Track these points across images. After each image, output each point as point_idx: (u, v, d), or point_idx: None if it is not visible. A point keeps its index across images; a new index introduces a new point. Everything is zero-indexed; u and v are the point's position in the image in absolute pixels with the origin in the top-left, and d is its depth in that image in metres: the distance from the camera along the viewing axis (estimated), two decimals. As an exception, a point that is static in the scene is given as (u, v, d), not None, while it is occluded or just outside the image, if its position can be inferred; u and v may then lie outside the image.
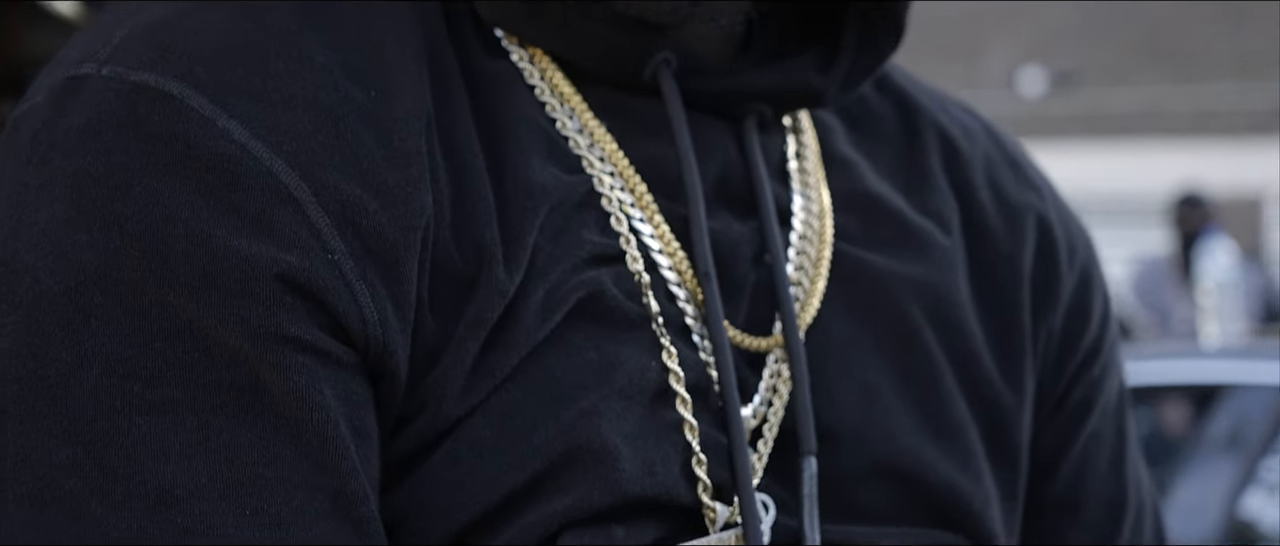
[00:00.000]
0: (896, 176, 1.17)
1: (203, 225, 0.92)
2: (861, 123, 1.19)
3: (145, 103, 0.94)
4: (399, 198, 0.95)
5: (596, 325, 1.00)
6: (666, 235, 1.04)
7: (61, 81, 0.97)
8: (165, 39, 0.97)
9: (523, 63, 1.06)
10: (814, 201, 1.12)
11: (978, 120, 1.25)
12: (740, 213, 1.08)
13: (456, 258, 0.98)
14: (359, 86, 0.98)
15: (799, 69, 1.10)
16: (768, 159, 1.11)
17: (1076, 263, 1.22)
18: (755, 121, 1.10)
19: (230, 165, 0.93)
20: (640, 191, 1.04)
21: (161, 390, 0.91)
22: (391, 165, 0.96)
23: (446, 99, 1.01)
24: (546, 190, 1.01)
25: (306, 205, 0.93)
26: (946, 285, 1.14)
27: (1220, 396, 4.66)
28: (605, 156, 1.04)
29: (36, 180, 0.94)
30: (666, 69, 1.06)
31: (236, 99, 0.94)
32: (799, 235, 1.11)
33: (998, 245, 1.18)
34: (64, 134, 0.94)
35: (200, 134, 0.93)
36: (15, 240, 0.94)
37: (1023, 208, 1.20)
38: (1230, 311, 8.33)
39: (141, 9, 1.00)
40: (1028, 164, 1.25)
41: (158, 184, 0.92)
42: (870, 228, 1.13)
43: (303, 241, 0.93)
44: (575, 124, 1.05)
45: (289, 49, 0.97)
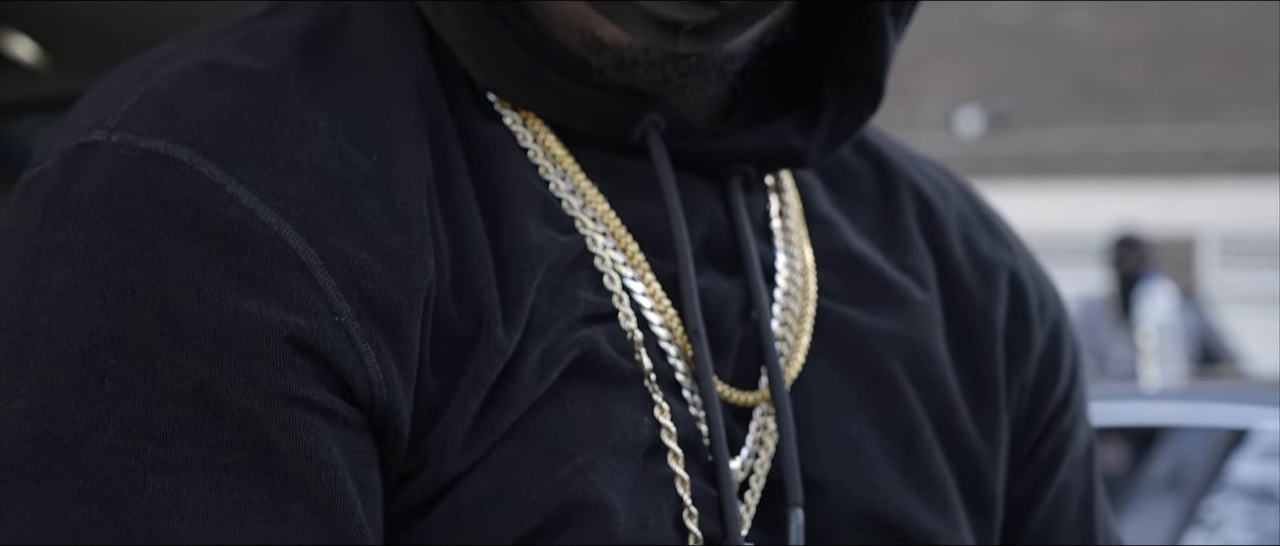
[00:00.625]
0: (875, 234, 1.21)
1: (214, 289, 0.94)
2: (840, 182, 1.22)
3: (156, 169, 0.96)
4: (402, 261, 0.98)
5: (591, 382, 1.03)
6: (657, 293, 1.07)
7: (72, 147, 0.99)
8: (173, 106, 0.99)
9: (516, 126, 1.09)
10: (797, 259, 1.15)
11: (950, 178, 1.29)
12: (727, 270, 1.11)
13: (457, 318, 1.00)
14: (362, 152, 1.00)
15: (781, 131, 1.13)
16: (752, 217, 1.14)
17: (1047, 317, 1.25)
18: (740, 181, 1.13)
19: (240, 230, 0.95)
20: (632, 251, 1.07)
21: (174, 450, 0.93)
22: (395, 229, 0.99)
23: (445, 162, 1.04)
24: (543, 251, 1.04)
25: (314, 269, 0.96)
26: (925, 340, 1.17)
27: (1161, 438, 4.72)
28: (597, 217, 1.07)
29: (49, 244, 0.96)
30: (655, 131, 1.09)
31: (244, 165, 0.97)
32: (783, 292, 1.14)
33: (972, 301, 1.21)
34: (76, 199, 0.96)
35: (210, 199, 0.95)
36: (29, 303, 0.96)
37: (996, 264, 1.24)
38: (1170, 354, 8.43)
39: (148, 75, 1.03)
40: (999, 221, 1.29)
41: (169, 249, 0.94)
42: (851, 284, 1.16)
43: (311, 304, 0.95)
44: (568, 185, 1.08)
45: (293, 115, 1.00)
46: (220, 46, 1.04)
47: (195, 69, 1.02)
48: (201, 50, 1.04)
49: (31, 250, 0.97)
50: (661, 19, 1.03)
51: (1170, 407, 4.69)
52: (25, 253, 0.97)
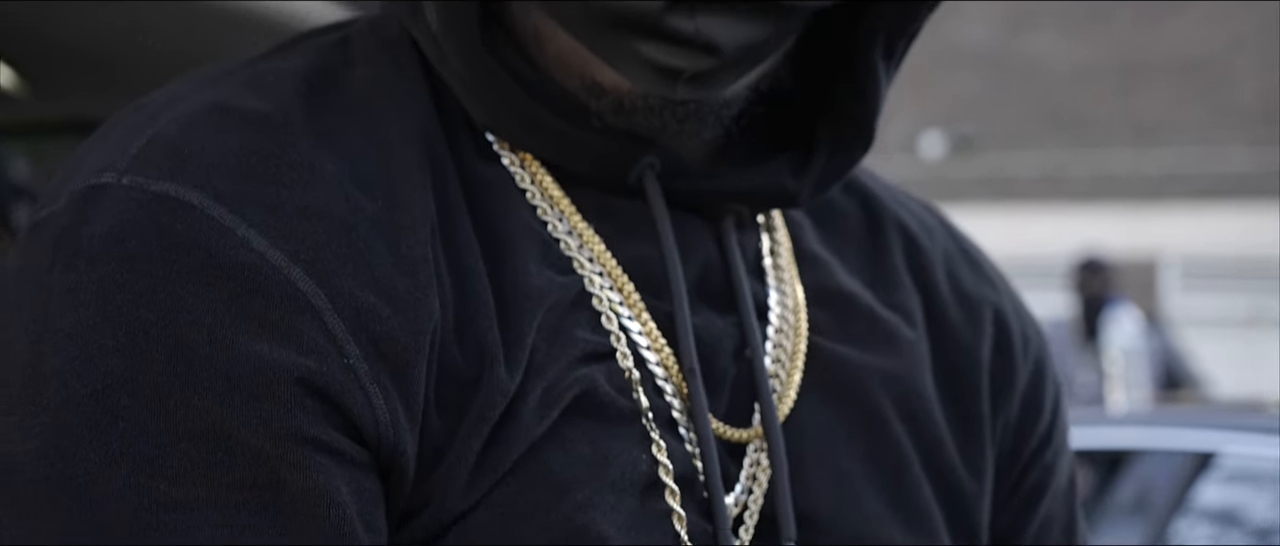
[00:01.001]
0: (863, 272, 1.23)
1: (225, 331, 0.96)
2: (828, 220, 1.24)
3: (167, 212, 0.98)
4: (409, 303, 1.00)
5: (590, 420, 1.05)
6: (654, 332, 1.09)
7: (82, 189, 1.00)
8: (183, 149, 1.01)
9: (514, 166, 1.11)
10: (789, 297, 1.18)
11: (935, 216, 1.31)
12: (720, 308, 1.13)
13: (460, 359, 1.02)
14: (367, 195, 1.02)
15: (774, 172, 1.15)
16: (744, 255, 1.16)
17: (1030, 354, 1.28)
18: (733, 220, 1.15)
19: (250, 273, 0.97)
20: (628, 290, 1.09)
21: (187, 488, 0.95)
22: (401, 272, 1.01)
23: (447, 205, 1.06)
24: (542, 292, 1.06)
25: (323, 312, 0.98)
26: (913, 377, 1.20)
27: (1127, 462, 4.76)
28: (594, 257, 1.09)
29: (61, 286, 0.98)
30: (651, 173, 1.11)
31: (254, 209, 0.99)
32: (775, 329, 1.16)
33: (958, 338, 1.24)
34: (87, 241, 0.98)
35: (221, 243, 0.97)
36: (41, 344, 0.97)
37: (980, 301, 1.26)
38: (1136, 378, 8.48)
39: (155, 117, 1.04)
40: (983, 258, 1.31)
41: (181, 291, 0.96)
42: (842, 322, 1.19)
43: (320, 347, 0.97)
44: (565, 226, 1.10)
45: (300, 159, 1.02)
46: (226, 88, 1.06)
47: (202, 111, 1.04)
48: (207, 92, 1.06)
49: (42, 291, 0.99)
50: (660, 66, 1.05)
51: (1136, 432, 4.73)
52: (36, 293, 0.99)
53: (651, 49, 1.05)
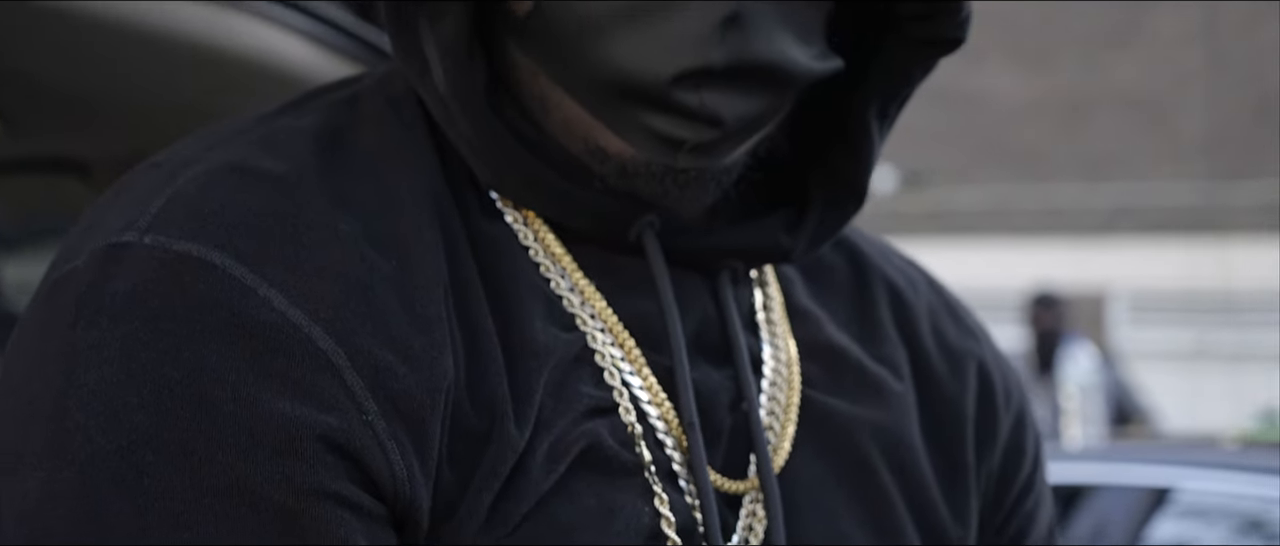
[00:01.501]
0: (851, 326, 1.27)
1: (248, 388, 0.98)
2: (817, 276, 1.28)
3: (189, 271, 1.00)
4: (424, 362, 1.03)
5: (596, 474, 1.08)
6: (654, 387, 1.13)
7: (104, 247, 1.03)
8: (203, 209, 1.03)
9: (517, 224, 1.14)
10: (782, 351, 1.21)
11: (919, 271, 1.35)
12: (716, 361, 1.17)
13: (471, 415, 1.05)
14: (382, 255, 1.05)
15: (769, 229, 1.19)
16: (739, 310, 1.20)
17: (1012, 404, 1.32)
18: (728, 275, 1.19)
19: (272, 332, 1.00)
20: (629, 346, 1.13)
21: (212, 543, 0.97)
22: (416, 331, 1.04)
23: (457, 264, 1.09)
24: (549, 349, 1.09)
25: (343, 371, 1.00)
26: (901, 428, 1.23)
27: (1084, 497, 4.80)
28: (596, 314, 1.13)
29: (84, 343, 1.00)
30: (650, 230, 1.14)
31: (274, 268, 1.01)
32: (769, 382, 1.19)
33: (944, 390, 1.27)
34: (110, 299, 1.01)
35: (243, 302, 1.00)
36: (65, 399, 1.00)
37: (964, 354, 1.30)
38: (1091, 414, 8.54)
39: (173, 177, 1.07)
40: (965, 312, 1.35)
41: (205, 349, 0.99)
42: (833, 375, 1.22)
43: (341, 404, 1.00)
44: (567, 283, 1.13)
45: (317, 220, 1.05)
46: (240, 148, 1.09)
47: (220, 171, 1.06)
48: (222, 151, 1.09)
49: (66, 347, 1.01)
50: (665, 136, 1.09)
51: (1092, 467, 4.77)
52: (59, 350, 1.01)
53: (657, 120, 1.09)
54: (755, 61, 1.08)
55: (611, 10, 1.08)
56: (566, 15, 1.10)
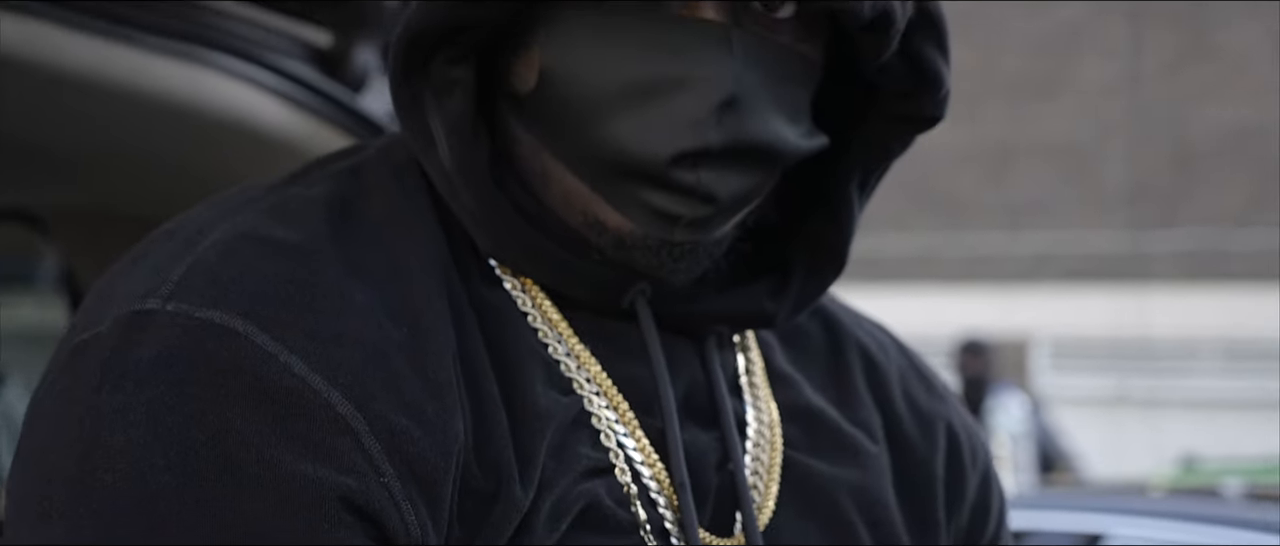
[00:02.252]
0: (827, 390, 1.33)
1: (271, 450, 1.03)
2: (795, 341, 1.34)
3: (213, 338, 1.05)
4: (437, 426, 1.08)
5: (594, 532, 1.14)
6: (647, 448, 1.18)
7: (128, 314, 1.07)
8: (222, 278, 1.08)
9: (515, 291, 1.19)
10: (764, 413, 1.27)
11: (888, 336, 1.41)
12: (704, 423, 1.22)
13: (479, 476, 1.10)
14: (394, 323, 1.10)
15: (755, 295, 1.24)
16: (724, 374, 1.25)
17: (978, 464, 1.38)
18: (714, 340, 1.24)
19: (293, 397, 1.04)
20: (623, 409, 1.18)
21: None
22: (429, 396, 1.09)
23: (464, 331, 1.14)
24: (550, 413, 1.14)
25: (361, 434, 1.05)
26: (877, 488, 1.29)
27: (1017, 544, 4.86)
28: (591, 378, 1.18)
29: (110, 406, 1.04)
30: (643, 298, 1.20)
31: (293, 336, 1.06)
32: (753, 443, 1.25)
33: (915, 451, 1.34)
34: (135, 364, 1.05)
35: (265, 368, 1.04)
36: (90, 461, 1.04)
37: (934, 416, 1.36)
38: (1023, 461, 8.65)
39: (190, 245, 1.11)
40: (933, 376, 1.41)
41: (229, 413, 1.03)
42: (812, 437, 1.28)
43: (359, 467, 1.05)
44: (564, 348, 1.18)
45: (333, 288, 1.10)
46: (254, 217, 1.14)
47: (238, 240, 1.11)
48: (237, 220, 1.13)
49: (92, 411, 1.05)
50: (662, 212, 1.15)
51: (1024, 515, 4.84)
52: (85, 413, 1.05)
53: (655, 197, 1.14)
54: (749, 142, 1.14)
55: (613, 92, 1.14)
56: (569, 95, 1.15)
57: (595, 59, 1.15)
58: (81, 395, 1.06)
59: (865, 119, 1.25)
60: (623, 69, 1.14)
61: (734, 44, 1.14)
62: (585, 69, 1.15)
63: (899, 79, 1.22)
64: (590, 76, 1.15)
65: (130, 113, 1.99)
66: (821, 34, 1.20)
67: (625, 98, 1.14)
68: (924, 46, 1.21)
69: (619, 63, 1.14)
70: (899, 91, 1.23)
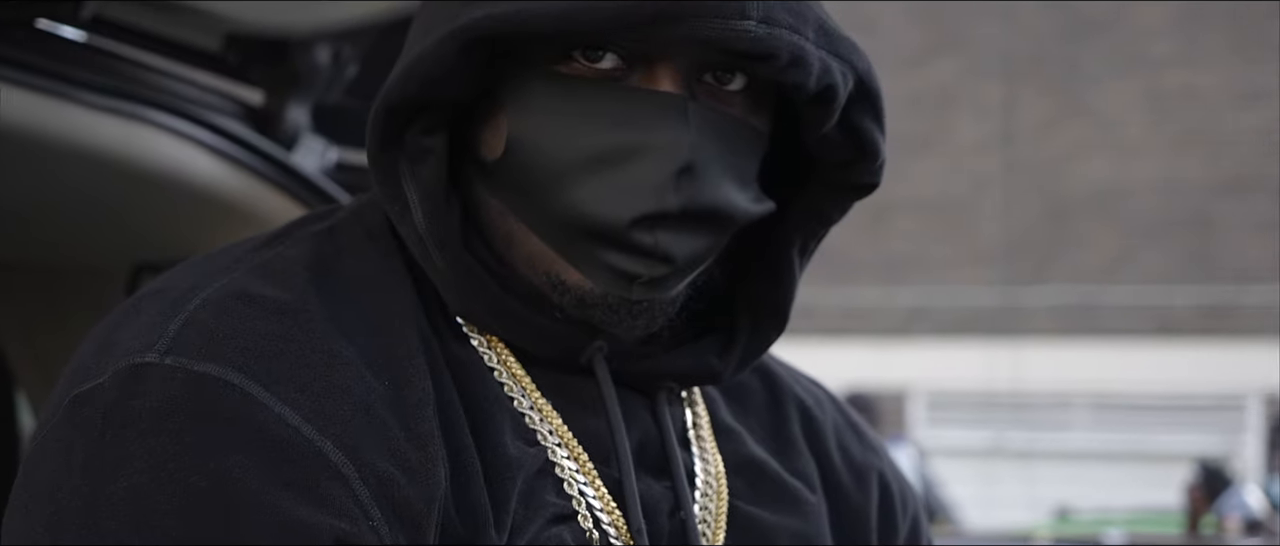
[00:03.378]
0: (767, 442, 1.41)
1: (271, 496, 1.09)
2: (737, 395, 1.42)
3: (211, 390, 1.11)
4: (421, 473, 1.15)
5: None
6: (605, 497, 1.26)
7: (127, 367, 1.13)
8: (218, 334, 1.14)
9: (482, 348, 1.26)
10: (711, 465, 1.35)
11: (823, 391, 1.50)
12: (656, 473, 1.30)
13: (457, 522, 1.17)
14: (377, 377, 1.17)
15: (702, 354, 1.32)
16: (674, 427, 1.33)
17: (908, 512, 1.47)
18: (664, 395, 1.32)
19: (288, 446, 1.11)
20: (583, 460, 1.26)
21: None
22: (413, 446, 1.15)
23: (440, 384, 1.21)
24: (519, 462, 1.22)
25: (352, 480, 1.12)
26: (817, 535, 1.38)
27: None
28: (553, 430, 1.26)
29: (112, 455, 1.10)
30: (600, 356, 1.27)
31: (286, 388, 1.13)
32: (701, 493, 1.33)
33: (850, 500, 1.42)
34: (136, 415, 1.11)
35: (261, 418, 1.11)
36: (94, 508, 1.09)
37: (867, 467, 1.45)
38: (915, 513, 8.77)
39: (182, 302, 1.17)
40: (865, 428, 1.50)
41: (228, 461, 1.09)
42: (755, 487, 1.36)
43: (351, 511, 1.11)
44: (528, 402, 1.26)
45: (321, 344, 1.16)
46: (241, 277, 1.20)
47: (228, 299, 1.17)
48: (226, 280, 1.20)
49: (93, 459, 1.11)
50: (621, 271, 1.22)
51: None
52: (87, 462, 1.11)
53: (616, 257, 1.22)
54: (704, 207, 1.22)
55: (577, 159, 1.21)
56: (535, 162, 1.22)
57: (560, 128, 1.22)
58: (83, 444, 1.12)
59: (806, 186, 1.33)
60: (586, 138, 1.21)
61: (690, 115, 1.21)
62: (550, 138, 1.22)
63: (838, 149, 1.30)
64: (555, 145, 1.22)
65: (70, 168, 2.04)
66: (768, 106, 1.28)
67: (588, 164, 1.21)
68: (862, 118, 1.29)
69: (583, 132, 1.21)
70: (838, 161, 1.31)
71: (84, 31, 2.03)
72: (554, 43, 1.22)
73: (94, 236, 2.31)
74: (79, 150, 1.99)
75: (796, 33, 1.21)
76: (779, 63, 1.21)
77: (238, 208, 2.17)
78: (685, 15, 1.18)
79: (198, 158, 2.13)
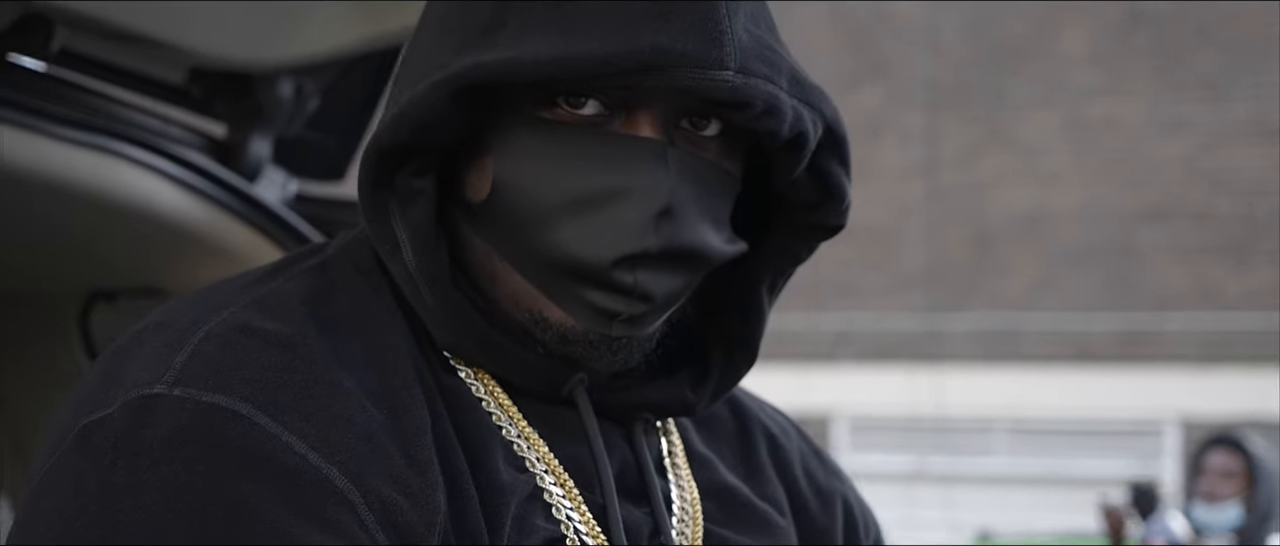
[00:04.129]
0: (738, 468, 1.47)
1: (283, 522, 1.14)
2: (708, 424, 1.48)
3: (220, 420, 1.16)
4: (422, 498, 1.20)
5: None
6: (590, 522, 1.31)
7: (137, 398, 1.18)
8: (224, 366, 1.19)
9: (470, 380, 1.32)
10: (687, 491, 1.41)
11: (787, 420, 1.57)
12: (636, 499, 1.36)
13: (455, 544, 1.22)
14: (377, 406, 1.22)
15: (678, 387, 1.38)
16: (650, 455, 1.39)
17: (871, 535, 1.54)
18: (642, 426, 1.38)
19: (297, 473, 1.16)
20: (569, 486, 1.31)
21: None
22: (413, 472, 1.21)
23: (435, 414, 1.26)
24: (511, 488, 1.27)
25: (358, 506, 1.17)
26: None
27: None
28: (540, 457, 1.31)
29: (124, 484, 1.14)
30: (582, 388, 1.33)
31: (291, 418, 1.18)
32: (678, 519, 1.39)
33: (817, 524, 1.49)
34: (148, 445, 1.15)
35: (270, 447, 1.16)
36: (107, 535, 1.13)
37: (832, 492, 1.51)
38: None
39: (186, 335, 1.22)
40: (828, 456, 1.57)
41: (241, 488, 1.14)
42: (728, 512, 1.42)
43: (358, 536, 1.16)
44: (515, 430, 1.31)
45: (323, 376, 1.21)
46: (241, 311, 1.25)
47: (232, 332, 1.22)
48: (227, 314, 1.25)
49: (105, 487, 1.15)
50: (602, 309, 1.28)
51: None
52: (99, 490, 1.15)
53: (597, 296, 1.27)
54: (682, 247, 1.28)
55: (560, 202, 1.27)
56: (520, 204, 1.28)
57: (545, 172, 1.27)
58: (94, 472, 1.16)
59: (775, 227, 1.40)
60: (570, 181, 1.27)
61: (669, 159, 1.27)
62: (536, 181, 1.28)
63: (806, 192, 1.36)
64: (540, 188, 1.27)
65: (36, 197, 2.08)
66: (741, 150, 1.35)
67: (572, 206, 1.27)
68: (829, 163, 1.36)
69: (567, 175, 1.27)
70: (806, 203, 1.37)
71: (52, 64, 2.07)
72: (539, 90, 1.27)
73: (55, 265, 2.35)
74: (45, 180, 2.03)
75: (771, 82, 1.28)
76: (754, 110, 1.27)
77: (202, 237, 2.22)
78: (666, 65, 1.24)
79: (163, 188, 2.18)
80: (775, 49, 1.30)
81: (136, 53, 2.16)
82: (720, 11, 1.25)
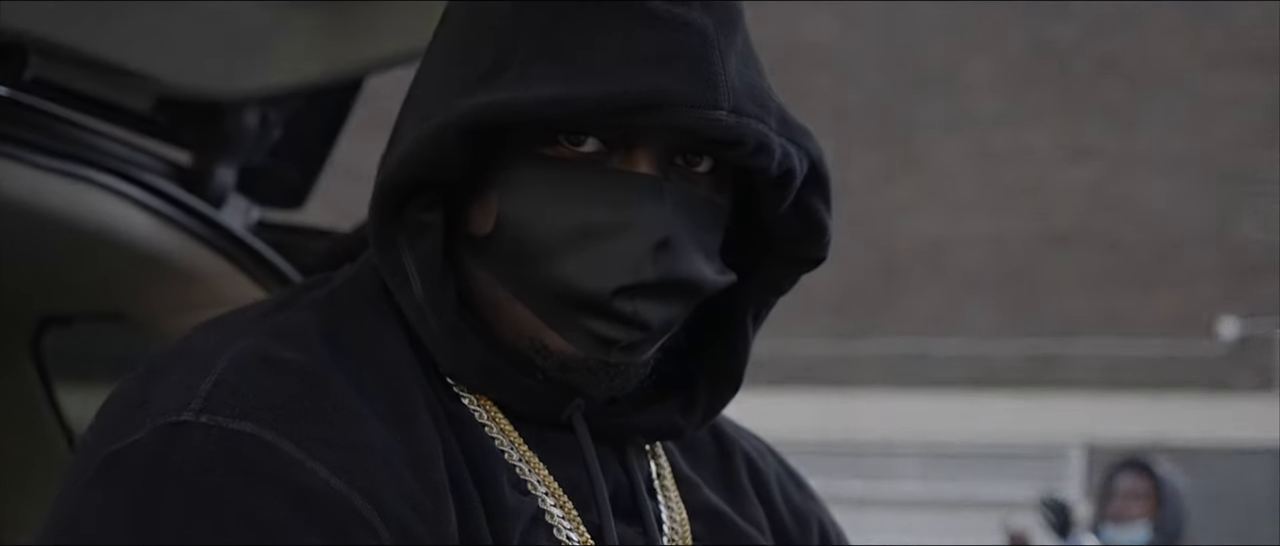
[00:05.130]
0: (720, 490, 1.53)
1: (308, 543, 1.18)
2: (691, 448, 1.55)
3: (247, 447, 1.21)
4: (436, 520, 1.25)
5: None
6: (589, 541, 1.37)
7: (165, 426, 1.22)
8: (247, 395, 1.24)
9: (473, 406, 1.37)
10: (676, 512, 1.47)
11: (764, 443, 1.63)
12: (629, 520, 1.42)
13: None
14: (391, 431, 1.27)
15: (668, 412, 1.45)
16: (642, 477, 1.45)
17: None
18: (634, 449, 1.44)
19: (321, 498, 1.21)
20: (568, 508, 1.37)
21: None
22: (427, 495, 1.26)
23: (444, 439, 1.32)
24: (517, 510, 1.33)
25: (378, 529, 1.22)
26: None
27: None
28: (541, 481, 1.37)
29: (155, 507, 1.19)
30: (579, 413, 1.39)
31: (314, 445, 1.23)
32: (668, 538, 1.45)
33: (795, 544, 1.54)
34: (177, 470, 1.20)
35: (295, 473, 1.21)
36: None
37: (808, 514, 1.58)
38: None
39: (210, 363, 1.27)
40: (803, 478, 1.63)
41: (269, 513, 1.19)
42: (715, 532, 1.48)
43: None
44: (517, 454, 1.37)
45: (341, 402, 1.26)
46: (258, 340, 1.30)
47: (252, 361, 1.27)
48: (243, 342, 1.29)
49: (136, 513, 1.19)
50: (601, 337, 1.34)
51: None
52: (129, 514, 1.19)
53: (596, 324, 1.33)
54: (679, 278, 1.34)
55: (562, 235, 1.33)
56: (523, 237, 1.34)
57: (547, 207, 1.33)
58: (124, 496, 1.20)
59: (761, 259, 1.46)
60: (571, 215, 1.33)
61: (666, 194, 1.33)
62: (538, 215, 1.33)
63: (790, 226, 1.43)
64: (543, 222, 1.33)
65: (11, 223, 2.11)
66: (730, 185, 1.41)
67: (573, 240, 1.33)
68: (812, 199, 1.43)
69: (568, 210, 1.33)
70: (790, 237, 1.44)
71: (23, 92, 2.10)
72: (541, 128, 1.33)
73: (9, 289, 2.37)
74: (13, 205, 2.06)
75: (762, 122, 1.34)
76: (747, 148, 1.34)
77: (169, 262, 2.25)
78: (664, 105, 1.30)
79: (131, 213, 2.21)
80: (765, 91, 1.37)
81: (105, 81, 2.20)
82: (714, 55, 1.32)
